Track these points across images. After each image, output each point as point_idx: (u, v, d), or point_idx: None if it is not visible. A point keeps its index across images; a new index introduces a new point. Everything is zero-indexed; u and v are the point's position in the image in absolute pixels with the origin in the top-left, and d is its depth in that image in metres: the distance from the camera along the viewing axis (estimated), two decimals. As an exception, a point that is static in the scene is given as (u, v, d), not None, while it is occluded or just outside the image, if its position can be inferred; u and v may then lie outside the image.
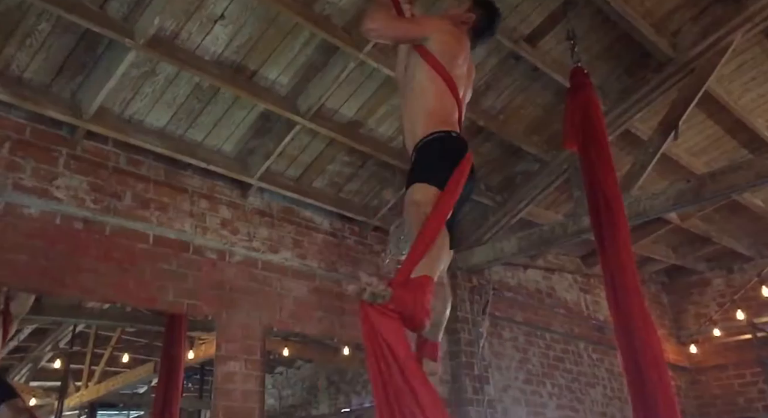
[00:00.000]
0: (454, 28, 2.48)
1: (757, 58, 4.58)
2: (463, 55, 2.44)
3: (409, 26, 2.45)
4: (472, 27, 2.56)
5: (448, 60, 2.35)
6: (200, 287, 3.72)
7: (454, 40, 2.42)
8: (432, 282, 2.00)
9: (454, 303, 5.26)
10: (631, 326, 3.00)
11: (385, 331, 1.84)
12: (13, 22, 3.01)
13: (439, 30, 2.41)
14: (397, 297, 1.89)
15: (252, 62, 3.65)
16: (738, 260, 7.15)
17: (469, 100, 2.65)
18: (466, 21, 2.54)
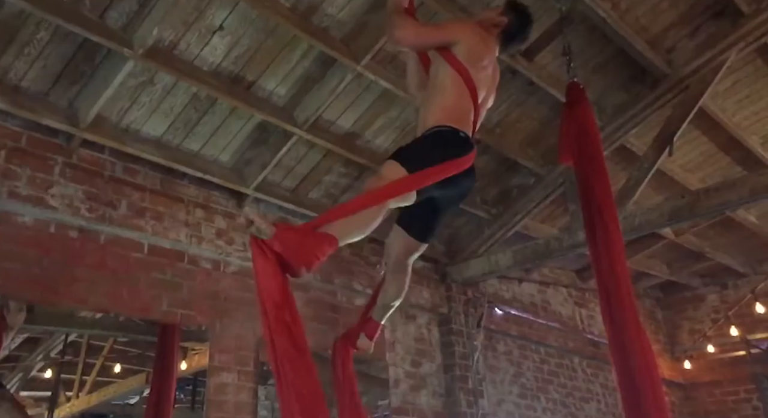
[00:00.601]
0: (483, 31, 2.45)
1: (751, 77, 4.62)
2: (489, 59, 2.42)
3: (438, 32, 2.43)
4: (503, 31, 2.52)
5: (473, 63, 2.33)
6: (194, 297, 3.71)
7: (481, 43, 2.39)
8: (334, 245, 1.89)
9: (449, 315, 5.26)
10: (626, 341, 2.99)
11: (260, 272, 1.77)
12: (11, 31, 3.02)
13: (467, 34, 2.38)
14: (281, 238, 1.79)
15: (250, 73, 3.66)
16: (732, 276, 7.17)
17: (491, 105, 2.63)
18: (498, 24, 2.50)
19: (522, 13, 2.58)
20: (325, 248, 1.86)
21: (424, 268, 5.30)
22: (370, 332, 2.78)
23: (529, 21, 2.61)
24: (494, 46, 2.48)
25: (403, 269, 2.59)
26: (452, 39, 2.35)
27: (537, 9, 3.88)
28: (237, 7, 3.29)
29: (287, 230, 1.84)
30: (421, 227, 2.50)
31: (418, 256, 2.61)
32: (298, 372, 1.76)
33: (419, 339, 5.11)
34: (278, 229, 1.81)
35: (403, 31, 2.36)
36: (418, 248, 2.54)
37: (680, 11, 4.12)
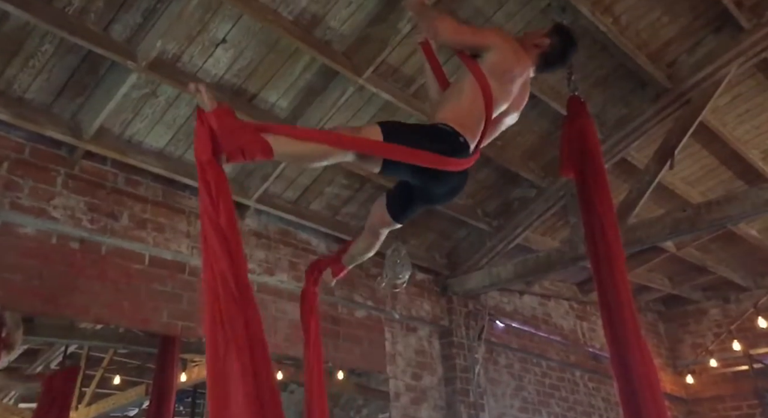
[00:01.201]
0: (520, 48, 2.40)
1: (751, 91, 4.64)
2: (517, 74, 2.36)
3: (475, 34, 2.41)
4: (543, 52, 2.46)
5: (499, 75, 2.29)
6: (195, 309, 3.70)
7: (513, 58, 2.33)
8: (267, 153, 1.93)
9: (450, 327, 5.25)
10: (628, 355, 2.98)
11: (197, 135, 1.90)
12: (16, 43, 3.04)
13: (502, 44, 2.33)
14: (219, 116, 1.87)
15: (252, 85, 3.68)
16: (734, 290, 7.14)
17: (512, 122, 2.59)
18: (539, 45, 2.45)
19: (566, 37, 2.53)
20: (255, 150, 1.91)
21: (425, 280, 5.29)
22: (336, 271, 3.04)
23: (572, 47, 2.55)
24: (527, 65, 2.42)
25: (375, 235, 2.72)
26: (487, 44, 2.32)
27: (538, 23, 3.94)
28: (240, 20, 3.32)
29: (228, 114, 1.92)
30: (399, 206, 2.50)
31: (389, 230, 2.71)
32: (239, 307, 1.80)
33: (420, 352, 5.09)
34: (219, 108, 1.90)
35: (444, 24, 2.35)
36: (390, 224, 2.59)
37: (681, 26, 4.15)
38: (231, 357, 1.70)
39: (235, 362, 1.69)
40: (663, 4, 3.97)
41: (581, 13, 3.76)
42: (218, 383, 1.67)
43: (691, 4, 4.01)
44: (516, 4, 3.80)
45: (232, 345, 1.74)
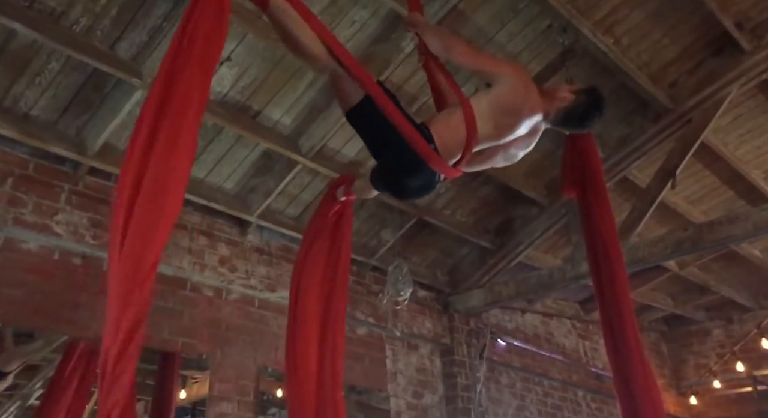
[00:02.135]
0: (536, 90, 2.22)
1: (752, 111, 4.67)
2: (523, 114, 2.18)
3: (488, 60, 2.29)
4: (564, 107, 2.26)
5: (499, 108, 2.15)
6: (196, 325, 3.69)
7: (522, 96, 2.16)
8: (265, 5, 1.99)
9: (451, 345, 5.22)
10: (630, 375, 2.96)
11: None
12: (23, 61, 3.08)
13: (514, 79, 2.17)
14: None
15: (256, 102, 3.71)
16: (737, 311, 7.10)
17: (505, 164, 2.48)
18: (562, 99, 2.25)
19: (593, 102, 2.31)
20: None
21: (426, 297, 5.27)
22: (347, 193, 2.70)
23: (595, 114, 2.33)
24: (538, 111, 2.23)
25: (368, 188, 2.53)
26: (497, 73, 2.19)
27: (539, 43, 3.98)
28: (245, 39, 3.36)
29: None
30: (376, 172, 2.34)
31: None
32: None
33: (421, 370, 5.06)
34: None
35: (458, 44, 2.26)
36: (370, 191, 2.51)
37: (681, 47, 4.18)
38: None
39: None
40: (664, 26, 4.01)
41: (582, 34, 3.80)
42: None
43: (692, 26, 4.05)
44: (518, 24, 3.85)
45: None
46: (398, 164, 2.14)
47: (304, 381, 2.48)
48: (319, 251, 2.65)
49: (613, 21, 3.90)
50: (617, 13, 3.87)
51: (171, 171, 1.71)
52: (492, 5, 3.69)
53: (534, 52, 4.04)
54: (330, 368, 2.55)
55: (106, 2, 2.99)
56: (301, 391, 2.48)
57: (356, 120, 2.19)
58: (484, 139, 2.19)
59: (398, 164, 2.14)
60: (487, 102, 2.16)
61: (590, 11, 3.79)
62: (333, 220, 2.67)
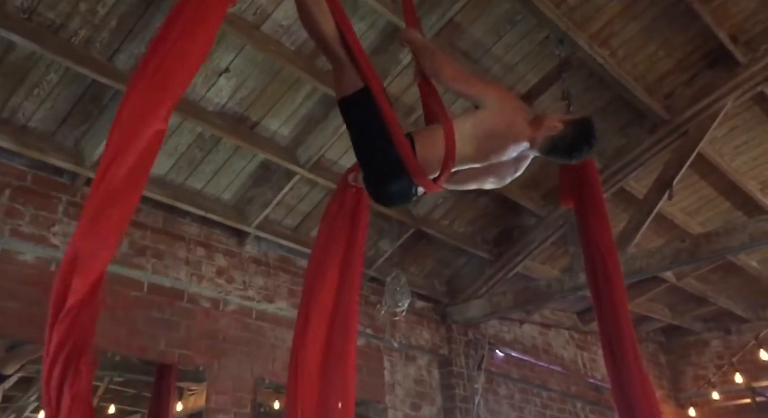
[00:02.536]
0: (523, 117, 2.17)
1: (748, 123, 4.69)
2: (507, 140, 2.13)
3: (477, 84, 2.22)
4: (551, 136, 2.17)
5: (482, 132, 2.10)
6: (193, 337, 3.68)
7: (507, 121, 2.11)
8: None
9: (449, 357, 5.20)
10: (629, 386, 2.96)
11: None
12: (22, 72, 3.09)
13: (500, 104, 2.13)
14: None
15: (254, 113, 3.72)
16: (735, 322, 7.09)
17: (487, 186, 2.39)
18: (550, 128, 2.16)
19: (582, 134, 2.22)
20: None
21: (424, 308, 5.26)
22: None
23: (583, 147, 2.22)
24: (523, 138, 2.16)
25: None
26: (483, 97, 2.15)
27: (536, 54, 4.00)
28: (243, 50, 3.37)
29: None
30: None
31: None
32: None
33: (419, 381, 5.03)
34: None
35: (449, 66, 2.20)
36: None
37: (677, 59, 4.22)
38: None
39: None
40: (659, 38, 4.05)
41: (579, 46, 3.83)
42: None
43: (687, 39, 4.08)
44: (514, 36, 3.87)
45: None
46: (379, 165, 2.12)
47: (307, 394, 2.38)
48: (335, 247, 2.53)
49: (609, 33, 3.93)
50: (613, 26, 3.90)
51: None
52: (489, 17, 3.72)
53: (531, 63, 4.07)
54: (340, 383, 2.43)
55: (105, 14, 3.01)
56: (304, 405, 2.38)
57: (349, 109, 2.17)
58: (463, 161, 2.14)
59: (379, 165, 2.12)
60: (471, 124, 2.13)
61: (586, 23, 3.83)
62: (349, 209, 2.54)
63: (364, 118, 2.11)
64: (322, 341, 2.40)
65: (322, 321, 2.41)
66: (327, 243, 2.53)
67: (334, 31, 2.10)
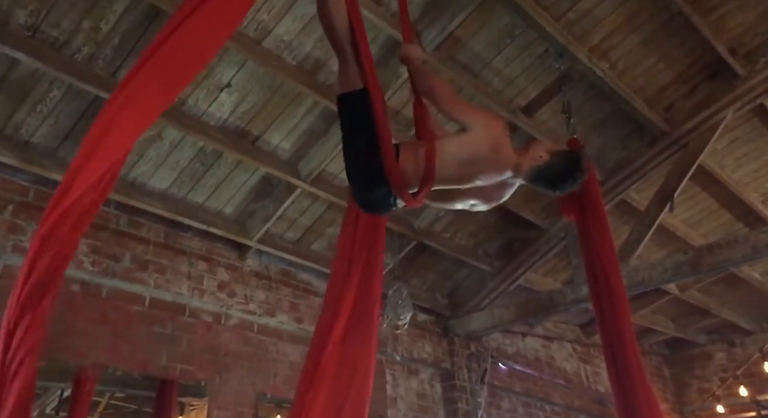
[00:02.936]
0: (508, 145, 2.12)
1: (749, 135, 4.71)
2: (488, 166, 2.10)
3: (466, 110, 2.18)
4: (536, 166, 2.12)
5: (464, 155, 2.08)
6: (194, 351, 3.67)
7: (489, 148, 2.08)
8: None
9: (452, 370, 5.17)
10: (633, 399, 2.94)
11: None
12: (25, 89, 3.12)
13: (484, 130, 2.09)
14: None
15: (256, 128, 3.74)
16: (739, 334, 7.05)
17: (483, 209, 2.38)
18: (535, 158, 2.12)
19: (567, 167, 2.15)
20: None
21: (426, 321, 5.24)
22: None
23: (567, 181, 2.16)
24: (507, 165, 2.13)
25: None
26: (469, 122, 2.12)
27: (536, 68, 4.03)
28: (245, 65, 3.40)
29: None
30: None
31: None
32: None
33: (421, 395, 5.00)
34: None
35: (442, 88, 2.19)
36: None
37: (676, 72, 4.24)
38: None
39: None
40: (658, 51, 4.07)
41: (578, 59, 3.85)
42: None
43: (686, 52, 4.10)
44: (514, 49, 3.90)
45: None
46: (362, 168, 2.12)
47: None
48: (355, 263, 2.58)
49: (608, 46, 3.95)
50: (612, 39, 3.92)
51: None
52: (489, 31, 3.75)
53: (531, 76, 4.09)
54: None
55: (108, 31, 3.03)
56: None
57: (345, 106, 2.18)
58: (443, 181, 2.12)
59: (362, 168, 2.12)
60: (454, 146, 2.11)
61: (586, 37, 3.85)
62: (365, 221, 2.59)
63: (356, 119, 2.12)
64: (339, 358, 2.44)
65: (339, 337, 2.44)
66: (346, 259, 2.56)
67: (346, 28, 2.13)
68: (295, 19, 3.33)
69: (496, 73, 3.99)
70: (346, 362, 2.46)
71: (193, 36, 1.79)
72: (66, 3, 2.89)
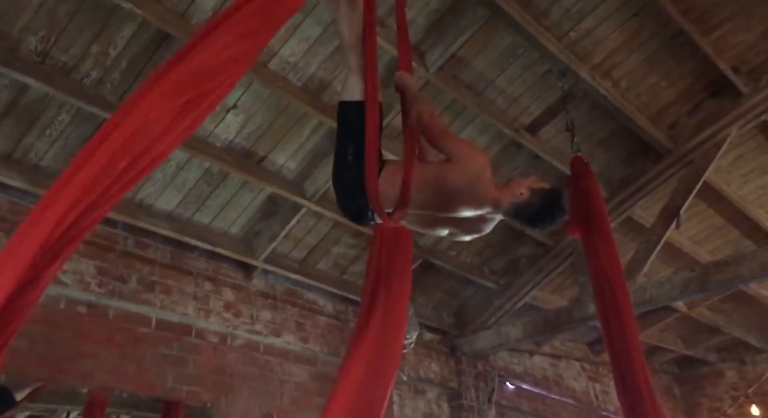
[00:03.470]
0: (490, 179, 2.11)
1: (753, 152, 4.70)
2: (465, 199, 2.10)
3: (453, 140, 2.18)
4: (515, 203, 2.09)
5: (441, 185, 2.09)
6: (200, 373, 3.66)
7: (468, 181, 2.07)
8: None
9: (459, 390, 5.13)
10: (643, 419, 2.91)
11: None
12: (35, 114, 3.16)
13: (465, 162, 2.08)
14: None
15: (261, 148, 3.77)
16: (750, 352, 6.96)
17: (463, 239, 2.38)
18: (514, 195, 2.09)
19: (546, 206, 2.11)
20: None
21: (433, 340, 5.22)
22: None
23: (547, 219, 2.13)
24: (486, 202, 2.11)
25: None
26: (454, 154, 2.11)
27: (539, 87, 4.05)
28: (251, 87, 3.44)
29: None
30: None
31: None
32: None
33: (429, 415, 4.96)
34: None
35: (430, 119, 2.19)
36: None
37: (680, 90, 4.25)
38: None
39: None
40: (661, 69, 4.09)
41: (581, 78, 3.88)
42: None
43: (689, 69, 4.12)
44: (517, 69, 3.93)
45: None
46: (345, 178, 2.17)
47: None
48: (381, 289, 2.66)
49: (610, 65, 3.98)
50: (614, 58, 3.95)
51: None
52: (491, 51, 3.78)
53: (534, 95, 4.11)
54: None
55: (116, 56, 3.08)
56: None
57: (342, 113, 2.24)
58: (417, 206, 2.13)
59: (345, 178, 2.17)
60: (434, 174, 2.12)
61: (588, 56, 3.88)
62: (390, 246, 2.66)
63: (349, 129, 2.18)
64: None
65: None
66: (373, 286, 2.64)
67: (356, 41, 2.19)
68: (300, 41, 3.38)
69: (500, 93, 4.02)
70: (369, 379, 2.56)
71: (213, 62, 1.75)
72: (75, 28, 2.95)
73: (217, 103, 1.81)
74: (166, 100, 1.65)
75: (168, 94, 1.65)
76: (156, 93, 1.65)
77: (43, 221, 1.52)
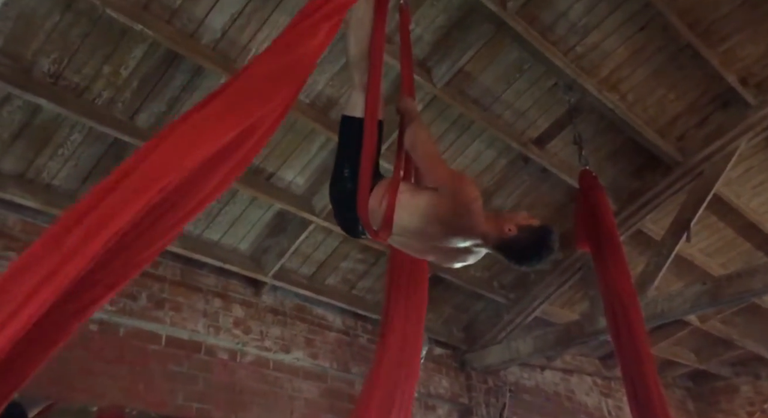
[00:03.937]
0: (481, 218, 2.04)
1: (763, 164, 4.68)
2: (452, 230, 2.05)
3: (444, 171, 2.13)
4: (502, 239, 2.03)
5: (428, 213, 2.05)
6: (210, 390, 3.65)
7: (452, 217, 2.02)
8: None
9: (470, 406, 5.09)
10: (657, 436, 2.88)
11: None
12: (47, 134, 3.20)
13: (456, 198, 2.03)
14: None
15: (270, 165, 3.80)
16: (765, 366, 6.85)
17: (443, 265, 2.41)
18: (502, 231, 2.02)
19: (535, 245, 2.04)
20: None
21: (442, 355, 5.18)
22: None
23: (534, 257, 2.06)
24: (474, 234, 2.06)
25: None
26: (443, 184, 2.07)
27: (545, 101, 4.07)
28: (259, 105, 3.46)
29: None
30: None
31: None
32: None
33: (439, 432, 4.92)
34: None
35: (423, 147, 2.18)
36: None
37: (687, 102, 4.25)
38: None
39: None
40: (668, 82, 4.09)
41: (588, 91, 3.89)
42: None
43: (697, 82, 4.12)
44: (524, 83, 3.95)
45: None
46: (339, 189, 2.21)
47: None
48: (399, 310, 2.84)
49: (617, 78, 3.99)
50: (621, 71, 3.96)
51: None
52: (498, 66, 3.81)
53: (541, 109, 4.13)
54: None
55: (127, 76, 3.13)
56: None
57: (343, 127, 2.29)
58: (400, 230, 2.11)
59: (339, 189, 2.21)
60: (423, 200, 2.08)
61: (594, 70, 3.89)
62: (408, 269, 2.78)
63: (348, 144, 2.21)
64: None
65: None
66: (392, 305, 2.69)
67: (360, 58, 2.24)
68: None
69: (507, 107, 4.03)
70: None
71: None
72: (87, 50, 3.00)
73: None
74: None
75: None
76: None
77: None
